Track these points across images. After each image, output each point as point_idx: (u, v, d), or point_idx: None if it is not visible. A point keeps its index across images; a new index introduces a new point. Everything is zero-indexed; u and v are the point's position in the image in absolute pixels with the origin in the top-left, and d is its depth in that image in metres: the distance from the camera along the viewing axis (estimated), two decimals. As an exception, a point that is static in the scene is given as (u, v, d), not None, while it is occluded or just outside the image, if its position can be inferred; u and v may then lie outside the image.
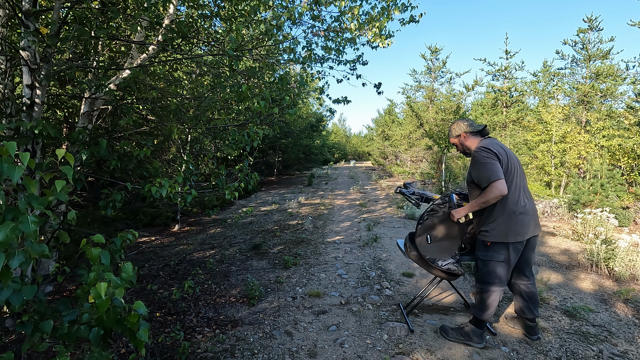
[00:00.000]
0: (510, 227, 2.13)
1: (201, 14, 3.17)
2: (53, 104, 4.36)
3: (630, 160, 8.53)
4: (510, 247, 2.16)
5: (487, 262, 2.22)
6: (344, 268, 4.02)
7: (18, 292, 1.21)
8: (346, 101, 3.96)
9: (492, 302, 2.24)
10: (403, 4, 3.61)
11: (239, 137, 2.96)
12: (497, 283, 2.21)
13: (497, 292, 2.24)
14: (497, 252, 2.18)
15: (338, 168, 26.29)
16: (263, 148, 14.15)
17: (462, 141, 2.41)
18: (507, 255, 2.17)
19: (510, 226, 2.13)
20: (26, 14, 2.22)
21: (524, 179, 2.28)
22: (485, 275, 2.24)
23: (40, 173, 1.48)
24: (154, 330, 2.60)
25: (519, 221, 2.13)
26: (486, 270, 2.23)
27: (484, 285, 2.25)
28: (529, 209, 2.18)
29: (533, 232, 2.21)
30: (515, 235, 2.13)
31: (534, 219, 2.21)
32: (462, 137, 2.40)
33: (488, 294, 2.24)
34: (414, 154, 16.60)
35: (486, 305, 2.25)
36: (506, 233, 2.13)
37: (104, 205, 2.21)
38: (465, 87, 15.77)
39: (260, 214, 7.77)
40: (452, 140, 2.48)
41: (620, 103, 11.53)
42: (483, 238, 2.24)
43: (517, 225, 2.13)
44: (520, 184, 2.20)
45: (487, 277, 2.23)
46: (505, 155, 2.17)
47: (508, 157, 2.18)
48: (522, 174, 2.27)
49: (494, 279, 2.21)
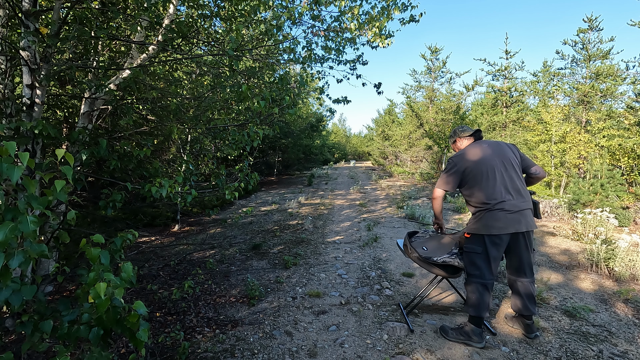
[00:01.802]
0: (484, 221, 2.28)
1: (201, 14, 3.16)
2: (53, 104, 4.36)
3: (630, 160, 8.53)
4: (485, 239, 2.27)
5: (467, 253, 2.39)
6: (344, 268, 4.02)
7: (18, 292, 1.21)
8: (346, 101, 3.96)
9: (480, 296, 2.29)
10: (403, 4, 3.61)
11: (239, 137, 2.96)
12: (477, 275, 2.32)
13: (480, 286, 2.29)
14: (474, 243, 2.34)
15: (338, 168, 26.29)
16: (263, 148, 14.15)
17: (458, 145, 2.67)
18: (483, 247, 2.29)
19: (485, 220, 2.28)
20: (26, 14, 2.22)
21: (516, 175, 2.35)
22: (467, 267, 2.40)
23: (40, 173, 1.48)
24: (154, 330, 2.60)
25: (493, 215, 2.25)
26: (467, 262, 2.40)
27: (468, 278, 2.39)
28: (509, 204, 2.24)
29: (516, 229, 2.24)
30: (489, 228, 2.25)
31: (515, 215, 2.24)
32: (458, 142, 2.67)
33: (472, 287, 2.33)
34: (414, 154, 16.60)
35: (474, 300, 2.31)
36: (481, 226, 2.29)
37: (104, 205, 2.21)
38: (465, 87, 15.77)
39: (260, 214, 7.77)
40: (451, 144, 2.79)
41: (620, 103, 11.52)
42: (465, 230, 2.45)
43: (491, 219, 2.25)
44: (504, 181, 2.29)
45: (468, 269, 2.39)
46: (476, 157, 2.37)
47: (482, 159, 2.35)
48: (513, 170, 2.36)
49: (474, 271, 2.34)
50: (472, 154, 2.40)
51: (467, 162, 2.39)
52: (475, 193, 2.34)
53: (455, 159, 2.45)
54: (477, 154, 2.39)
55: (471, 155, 2.40)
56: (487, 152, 2.38)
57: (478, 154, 2.39)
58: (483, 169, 2.34)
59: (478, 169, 2.34)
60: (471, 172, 2.36)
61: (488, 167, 2.34)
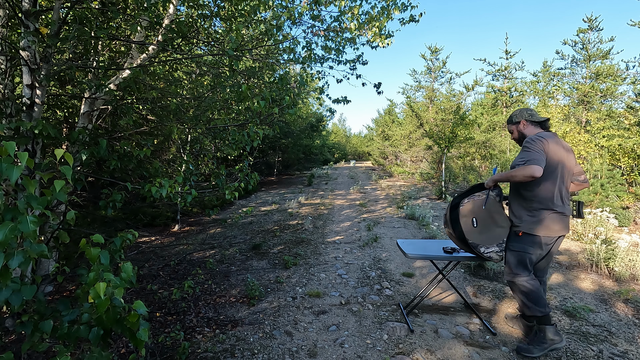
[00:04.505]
0: (546, 222, 2.16)
1: (201, 14, 3.17)
2: (53, 104, 4.36)
3: (630, 160, 8.52)
4: (542, 239, 2.18)
5: (516, 252, 2.25)
6: (344, 268, 4.02)
7: (17, 292, 1.21)
8: (346, 101, 3.96)
9: (537, 291, 2.20)
10: (403, 4, 3.61)
11: (239, 137, 2.96)
12: (525, 274, 2.23)
13: (532, 281, 2.21)
14: (526, 243, 2.22)
15: (338, 168, 26.29)
16: (263, 148, 14.15)
17: (521, 129, 2.40)
18: (536, 248, 2.20)
19: (546, 220, 2.16)
20: (26, 14, 2.22)
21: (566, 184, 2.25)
22: (513, 266, 2.26)
23: (39, 173, 1.48)
24: (154, 330, 2.60)
25: (554, 218, 2.16)
26: (513, 261, 2.26)
27: (514, 277, 2.25)
28: (567, 209, 2.21)
29: (563, 232, 2.22)
30: (549, 230, 2.16)
31: (567, 218, 2.23)
32: (522, 125, 2.40)
33: (522, 286, 2.22)
34: (414, 154, 16.60)
35: (533, 297, 2.19)
36: (541, 226, 2.17)
37: (104, 205, 2.21)
38: (465, 87, 15.79)
39: (260, 214, 7.77)
40: (511, 127, 2.48)
41: (620, 103, 11.53)
42: (515, 229, 2.28)
43: (551, 221, 2.16)
44: (561, 186, 2.21)
45: (515, 269, 2.25)
46: (554, 154, 2.18)
47: (558, 158, 2.18)
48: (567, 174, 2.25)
49: (521, 271, 2.23)
50: (552, 147, 2.17)
51: (549, 152, 2.15)
52: (542, 190, 2.17)
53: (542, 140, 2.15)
54: (556, 150, 2.18)
55: (552, 148, 2.17)
56: (562, 151, 2.21)
57: (557, 149, 2.19)
58: (558, 167, 2.17)
59: (554, 165, 2.16)
60: (548, 167, 2.15)
61: (560, 167, 2.19)
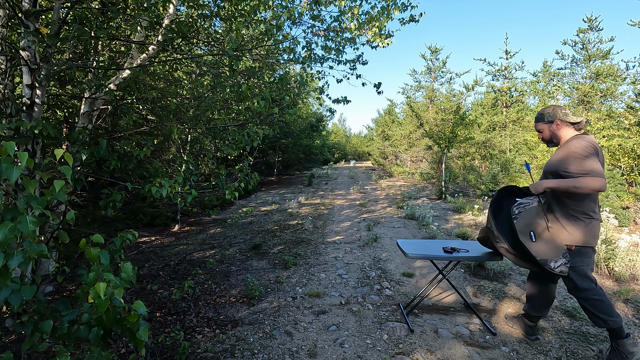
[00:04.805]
0: (594, 231, 2.06)
1: (201, 14, 3.17)
2: (53, 104, 4.36)
3: (630, 160, 8.52)
4: (591, 250, 2.07)
5: (577, 267, 2.06)
6: (344, 268, 4.02)
7: (17, 292, 1.21)
8: (346, 101, 3.96)
9: (607, 302, 2.05)
10: (403, 4, 3.61)
11: (239, 137, 2.96)
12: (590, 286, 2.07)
13: (600, 290, 2.07)
14: (583, 256, 2.06)
15: (338, 168, 26.29)
16: (263, 148, 14.15)
17: (554, 129, 2.20)
18: (590, 258, 2.07)
19: (594, 230, 2.06)
20: (26, 14, 2.22)
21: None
22: (579, 282, 2.07)
23: (39, 173, 1.48)
24: (154, 330, 2.60)
25: (598, 226, 2.07)
26: (577, 277, 2.08)
27: (582, 293, 2.08)
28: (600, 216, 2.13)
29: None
30: (596, 239, 2.07)
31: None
32: (555, 125, 2.19)
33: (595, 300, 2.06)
34: (414, 154, 16.61)
35: (605, 309, 2.04)
36: (591, 237, 2.05)
37: (104, 205, 2.21)
38: (465, 87, 15.78)
39: (260, 214, 7.77)
40: (541, 125, 2.26)
41: (620, 103, 11.52)
42: (567, 242, 2.07)
43: (597, 229, 2.07)
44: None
45: (581, 283, 2.07)
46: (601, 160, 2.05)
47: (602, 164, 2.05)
48: None
49: (588, 285, 2.07)
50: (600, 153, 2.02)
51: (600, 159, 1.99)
52: (591, 200, 2.04)
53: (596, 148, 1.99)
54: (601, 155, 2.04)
55: (600, 154, 2.01)
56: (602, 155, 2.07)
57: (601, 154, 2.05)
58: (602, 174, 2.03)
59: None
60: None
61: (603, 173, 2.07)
